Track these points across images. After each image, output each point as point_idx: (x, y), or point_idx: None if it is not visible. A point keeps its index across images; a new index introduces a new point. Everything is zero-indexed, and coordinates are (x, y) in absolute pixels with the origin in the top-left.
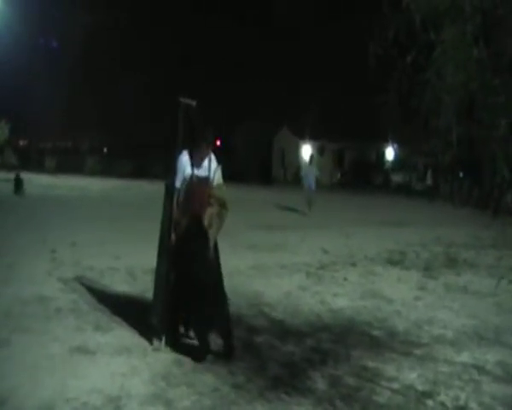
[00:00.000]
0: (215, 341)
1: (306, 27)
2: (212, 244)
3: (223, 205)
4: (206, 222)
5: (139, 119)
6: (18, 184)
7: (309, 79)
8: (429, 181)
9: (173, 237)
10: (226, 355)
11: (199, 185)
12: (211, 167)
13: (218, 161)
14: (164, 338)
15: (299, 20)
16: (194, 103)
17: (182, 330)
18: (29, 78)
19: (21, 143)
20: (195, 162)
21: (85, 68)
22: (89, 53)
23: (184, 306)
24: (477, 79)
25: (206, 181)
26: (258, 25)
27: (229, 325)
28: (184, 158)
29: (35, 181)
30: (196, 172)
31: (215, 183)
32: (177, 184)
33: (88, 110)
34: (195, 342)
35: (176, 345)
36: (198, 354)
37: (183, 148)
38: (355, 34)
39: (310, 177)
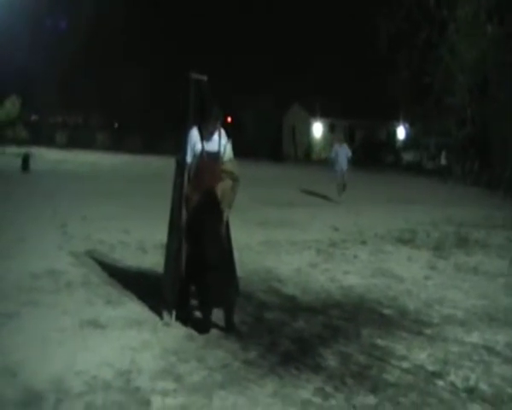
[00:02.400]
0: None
1: (318, 3)
2: (224, 219)
3: (234, 178)
4: (218, 196)
5: (150, 94)
6: (25, 161)
7: (321, 57)
8: (443, 161)
9: (184, 212)
10: (227, 330)
11: (209, 161)
12: (221, 142)
13: (228, 136)
14: (174, 313)
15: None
16: (204, 78)
17: (193, 304)
18: (41, 54)
19: (32, 117)
20: (205, 137)
21: (96, 45)
22: (98, 31)
23: (195, 281)
24: (491, 56)
25: (216, 156)
26: (270, 3)
27: (233, 302)
28: (194, 133)
29: (46, 156)
30: (206, 147)
31: (226, 157)
32: (188, 159)
33: (98, 86)
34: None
35: (186, 320)
36: (202, 327)
37: (194, 123)
38: (368, 11)
39: (341, 158)
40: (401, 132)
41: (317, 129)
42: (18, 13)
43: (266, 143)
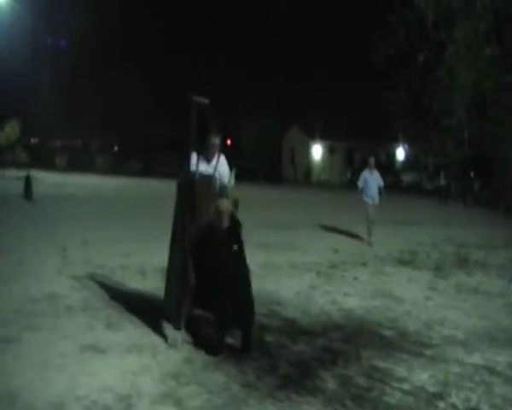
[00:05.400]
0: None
1: (314, 26)
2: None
3: (234, 204)
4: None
5: (149, 118)
6: (28, 186)
7: (320, 79)
8: (442, 181)
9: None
10: (243, 351)
11: (202, 184)
12: (217, 167)
13: (229, 163)
14: (180, 336)
15: (307, 19)
16: (206, 101)
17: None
18: (39, 77)
19: (32, 141)
20: (203, 160)
21: (94, 67)
22: (96, 52)
23: (205, 304)
24: (489, 77)
25: (209, 179)
26: (270, 24)
27: (251, 323)
28: (193, 160)
29: (46, 180)
30: (200, 169)
31: (223, 181)
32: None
33: (98, 109)
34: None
35: (195, 341)
36: (215, 349)
37: (195, 146)
38: (366, 34)
39: (372, 187)
40: (400, 153)
41: (317, 151)
42: (17, 36)
43: (265, 165)
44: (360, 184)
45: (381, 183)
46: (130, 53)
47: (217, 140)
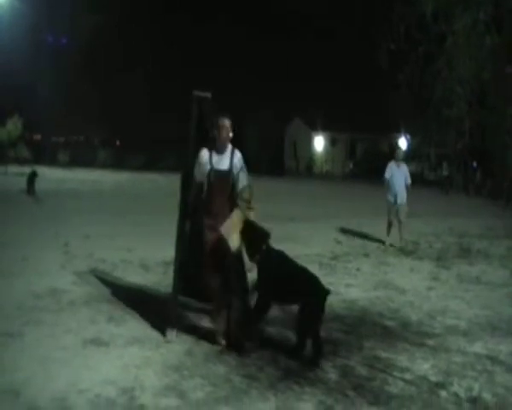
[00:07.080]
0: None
1: (316, 21)
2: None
3: (249, 208)
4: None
5: (151, 112)
6: (31, 181)
7: (321, 70)
8: (445, 172)
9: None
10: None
11: (218, 180)
12: (233, 162)
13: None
14: (176, 330)
15: (308, 13)
16: (208, 95)
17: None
18: (41, 73)
19: (34, 137)
20: (217, 152)
21: (95, 63)
22: (97, 47)
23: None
24: (489, 67)
25: (226, 175)
26: (271, 17)
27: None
28: (204, 154)
29: (48, 175)
30: (216, 166)
31: (240, 185)
32: (196, 177)
33: (99, 104)
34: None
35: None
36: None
37: (198, 140)
38: (368, 26)
39: (398, 182)
40: (403, 144)
41: (319, 143)
42: (18, 33)
43: (268, 157)
44: (387, 175)
45: (409, 179)
46: (131, 48)
47: (226, 121)
